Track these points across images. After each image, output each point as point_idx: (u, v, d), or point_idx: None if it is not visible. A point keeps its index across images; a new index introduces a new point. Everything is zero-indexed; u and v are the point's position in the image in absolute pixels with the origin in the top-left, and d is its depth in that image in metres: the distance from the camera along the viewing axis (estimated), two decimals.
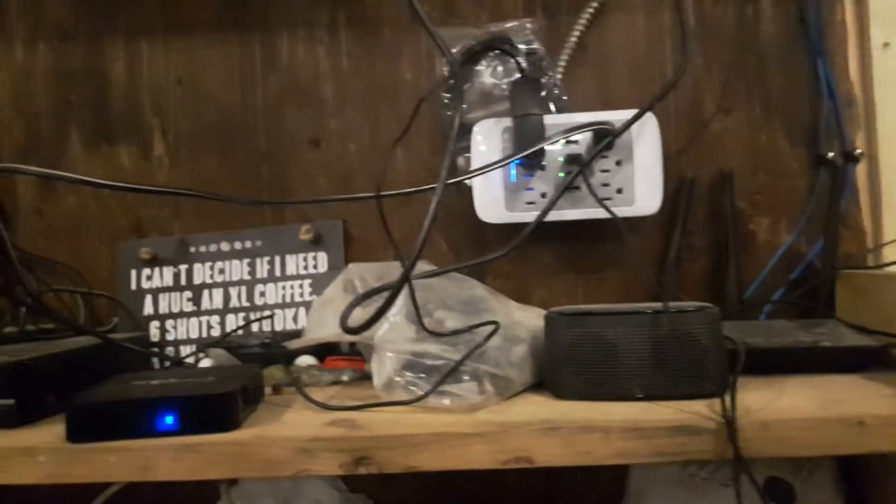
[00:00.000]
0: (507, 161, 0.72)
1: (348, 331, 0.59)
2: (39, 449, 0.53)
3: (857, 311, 0.72)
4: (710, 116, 0.85)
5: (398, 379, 0.59)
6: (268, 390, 0.68)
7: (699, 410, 0.52)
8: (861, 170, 0.83)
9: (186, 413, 0.55)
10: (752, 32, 0.85)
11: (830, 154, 0.82)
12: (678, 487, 0.73)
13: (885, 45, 0.82)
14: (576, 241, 0.86)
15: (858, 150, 0.82)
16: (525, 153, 0.71)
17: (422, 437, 0.51)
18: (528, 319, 0.68)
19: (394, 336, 0.62)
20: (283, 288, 0.88)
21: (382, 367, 0.60)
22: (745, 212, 0.85)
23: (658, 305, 0.58)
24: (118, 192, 0.91)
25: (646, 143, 0.78)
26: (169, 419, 0.54)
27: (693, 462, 0.73)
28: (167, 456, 0.52)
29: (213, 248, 0.90)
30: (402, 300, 0.62)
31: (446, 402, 0.57)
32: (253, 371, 0.65)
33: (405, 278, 0.55)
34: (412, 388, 0.58)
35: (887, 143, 0.82)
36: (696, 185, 0.85)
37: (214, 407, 0.55)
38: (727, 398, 0.51)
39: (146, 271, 0.90)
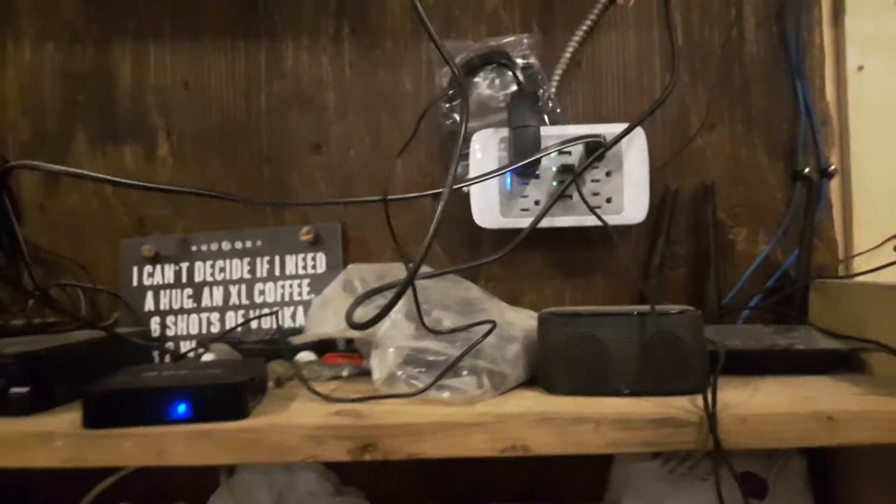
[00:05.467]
0: (506, 169, 0.76)
1: (354, 326, 0.62)
2: (57, 434, 0.55)
3: (829, 318, 0.76)
4: (694, 131, 0.88)
5: (399, 373, 0.62)
6: (270, 384, 0.70)
7: (683, 405, 0.56)
8: (834, 185, 0.87)
9: (199, 402, 0.57)
10: (736, 53, 0.89)
11: (806, 170, 0.86)
12: (659, 482, 0.77)
13: (860, 68, 0.86)
14: (565, 248, 0.90)
15: (832, 167, 0.86)
16: (522, 162, 0.75)
17: (424, 426, 0.54)
18: (521, 320, 0.71)
19: (395, 333, 0.65)
20: (283, 287, 0.91)
21: (384, 361, 0.63)
22: (726, 222, 0.89)
23: (645, 308, 0.62)
24: (121, 190, 0.93)
25: (634, 155, 0.82)
26: (181, 407, 0.57)
27: (675, 452, 0.77)
28: (181, 441, 0.55)
29: (213, 246, 0.92)
30: (402, 300, 0.65)
31: (446, 394, 0.60)
32: (258, 364, 0.67)
33: (411, 278, 0.58)
34: (413, 381, 0.61)
35: (859, 161, 0.86)
36: (680, 196, 0.88)
37: (226, 396, 0.57)
38: (709, 394, 0.55)
39: (148, 268, 0.92)
